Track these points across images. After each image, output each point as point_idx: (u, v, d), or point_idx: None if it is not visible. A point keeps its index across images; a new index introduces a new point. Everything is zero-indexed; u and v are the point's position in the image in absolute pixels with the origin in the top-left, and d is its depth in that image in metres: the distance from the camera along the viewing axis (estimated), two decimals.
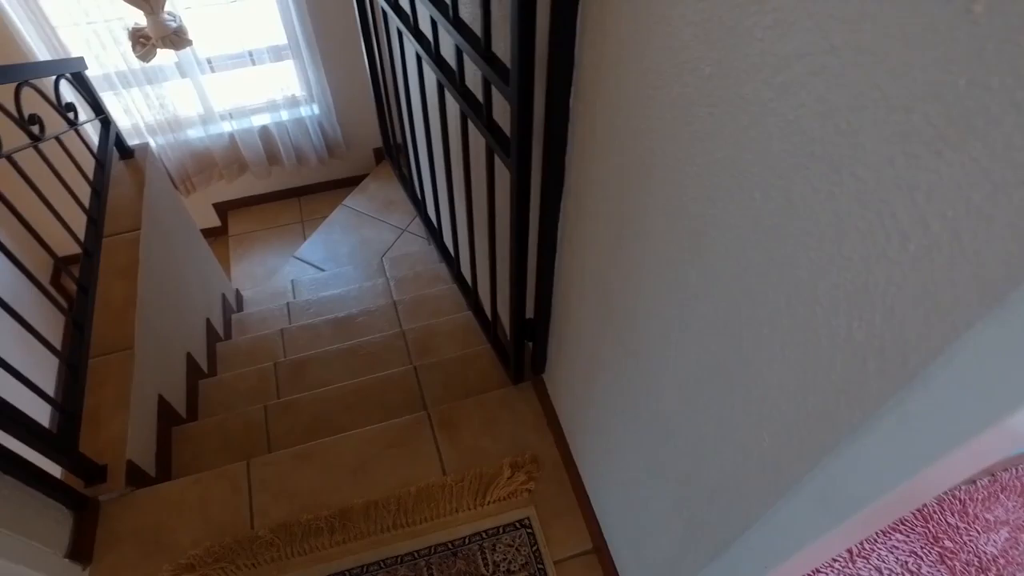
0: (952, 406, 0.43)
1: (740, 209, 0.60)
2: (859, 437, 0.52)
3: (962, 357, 0.41)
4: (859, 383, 0.50)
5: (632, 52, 0.74)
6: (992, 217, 0.37)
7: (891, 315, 0.46)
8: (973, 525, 1.49)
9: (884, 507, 0.56)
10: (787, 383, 0.60)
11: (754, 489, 0.70)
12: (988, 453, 0.51)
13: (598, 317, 1.09)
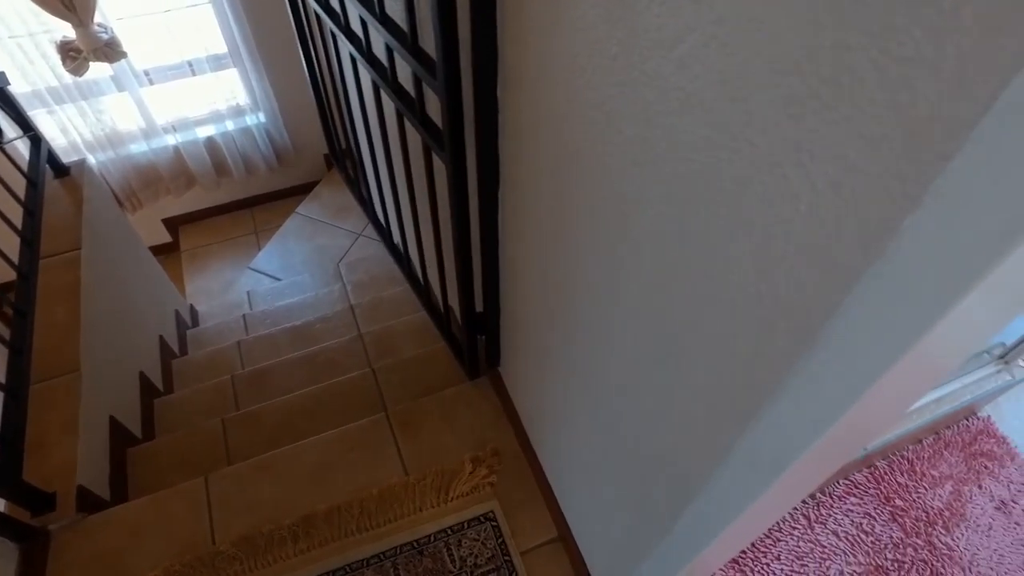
0: (851, 358, 0.44)
1: (655, 184, 0.61)
2: (776, 399, 0.53)
3: (855, 310, 0.42)
4: (771, 345, 0.52)
5: (549, 38, 0.74)
6: (867, 171, 0.38)
7: (791, 275, 0.47)
8: (921, 482, 1.54)
9: (807, 465, 0.57)
10: (711, 352, 0.61)
11: (694, 460, 0.71)
12: (902, 398, 0.53)
13: (543, 304, 1.10)
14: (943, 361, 0.44)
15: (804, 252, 0.45)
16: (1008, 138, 0.30)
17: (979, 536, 1.48)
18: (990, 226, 0.32)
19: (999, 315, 0.39)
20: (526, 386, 1.40)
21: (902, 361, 0.40)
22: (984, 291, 0.34)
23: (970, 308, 0.35)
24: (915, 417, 1.44)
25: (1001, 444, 1.63)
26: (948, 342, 0.39)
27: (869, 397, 0.44)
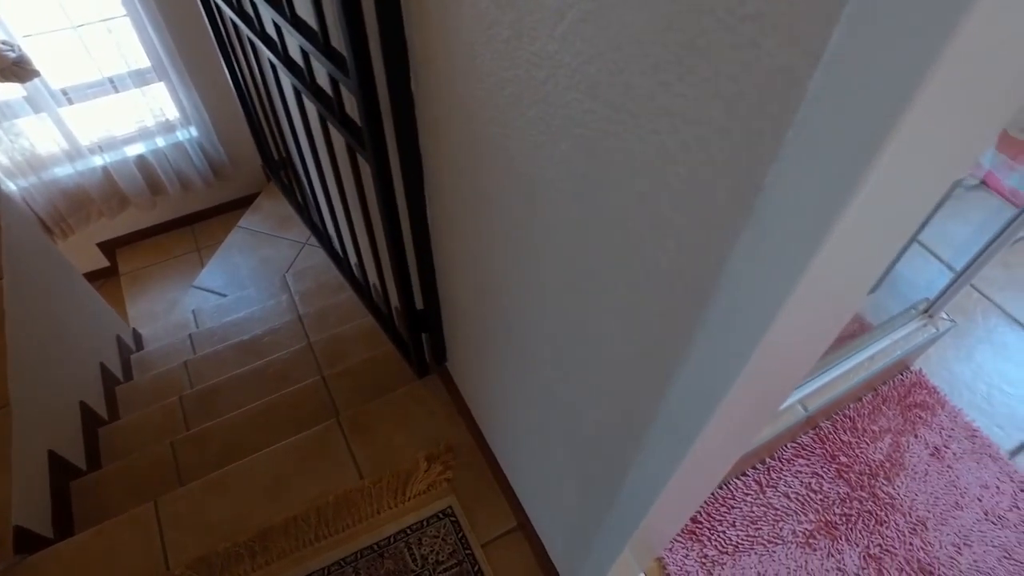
0: (739, 317, 0.46)
1: (556, 163, 0.62)
2: (686, 356, 0.55)
3: (735, 268, 0.44)
4: (673, 309, 0.53)
5: (449, 28, 0.75)
6: (729, 130, 0.40)
7: (681, 239, 0.48)
8: (862, 438, 1.60)
9: (724, 425, 0.59)
10: (624, 316, 0.62)
11: (622, 430, 0.73)
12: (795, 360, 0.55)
13: (476, 294, 1.10)
14: (826, 304, 0.45)
15: (686, 215, 0.47)
16: (835, 86, 0.31)
17: (917, 482, 1.54)
18: (838, 170, 0.33)
19: (868, 249, 0.40)
20: (473, 378, 1.40)
21: (786, 308, 0.41)
22: (845, 229, 0.35)
23: (836, 248, 0.36)
24: (851, 376, 1.49)
25: (932, 394, 1.70)
26: (824, 284, 0.40)
27: (768, 341, 0.45)
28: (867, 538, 1.47)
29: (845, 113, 0.31)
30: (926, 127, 0.30)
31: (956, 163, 0.37)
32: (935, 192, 0.38)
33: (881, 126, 0.29)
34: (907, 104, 0.28)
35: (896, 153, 0.31)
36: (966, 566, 1.44)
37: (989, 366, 1.80)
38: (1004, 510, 1.52)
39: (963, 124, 0.33)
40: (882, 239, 0.40)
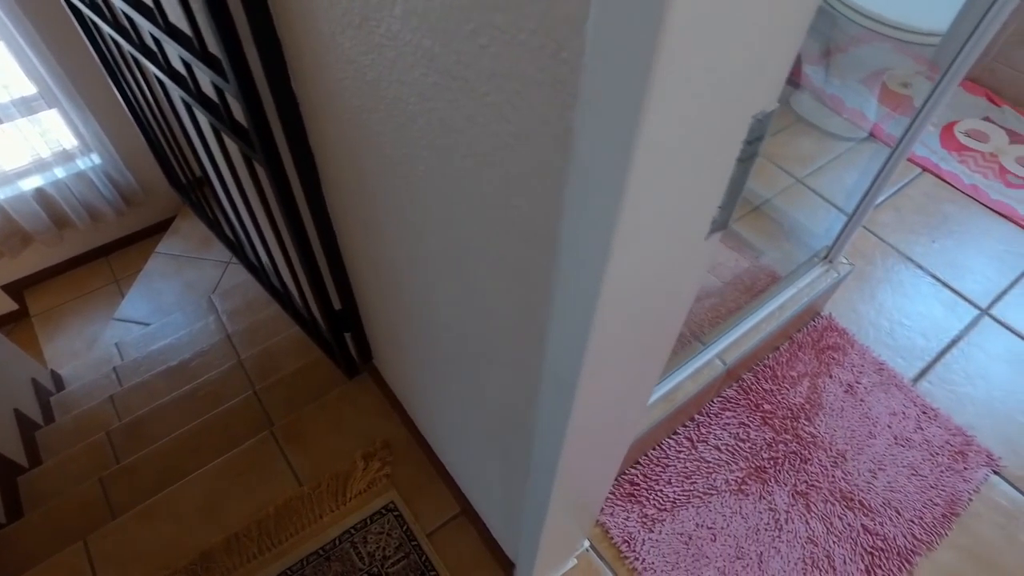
0: (583, 255, 0.48)
1: (419, 140, 0.64)
2: (550, 313, 0.57)
3: (569, 219, 0.47)
4: (535, 262, 0.56)
5: (311, 20, 0.75)
6: (540, 81, 0.42)
7: (526, 193, 0.51)
8: (782, 385, 1.68)
9: (600, 370, 0.62)
10: (501, 281, 0.64)
11: (520, 395, 0.75)
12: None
13: (382, 283, 1.11)
14: (659, 236, 0.48)
15: (529, 170, 0.49)
16: (611, 30, 0.34)
17: (834, 419, 1.63)
18: (629, 104, 0.36)
19: (682, 176, 0.43)
20: (397, 370, 1.41)
21: (619, 240, 0.43)
22: (645, 146, 0.38)
23: (646, 176, 0.39)
24: (764, 326, 1.56)
25: (843, 336, 1.80)
26: (648, 214, 0.43)
27: (613, 275, 0.47)
28: (794, 477, 1.54)
29: (618, 50, 0.34)
30: (697, 49, 0.33)
31: (744, 88, 0.40)
32: (732, 112, 0.41)
33: (647, 51, 0.32)
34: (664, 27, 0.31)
35: (667, 74, 0.33)
36: (882, 488, 1.54)
37: (889, 303, 1.91)
38: (910, 432, 1.63)
39: (731, 48, 0.36)
40: (693, 168, 0.43)
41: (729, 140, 0.43)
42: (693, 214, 0.47)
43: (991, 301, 1.95)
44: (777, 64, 0.42)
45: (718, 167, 0.44)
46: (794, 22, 0.39)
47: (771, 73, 0.42)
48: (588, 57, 0.36)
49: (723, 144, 0.42)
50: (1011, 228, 2.15)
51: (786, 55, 0.42)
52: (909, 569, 1.45)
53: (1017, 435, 1.67)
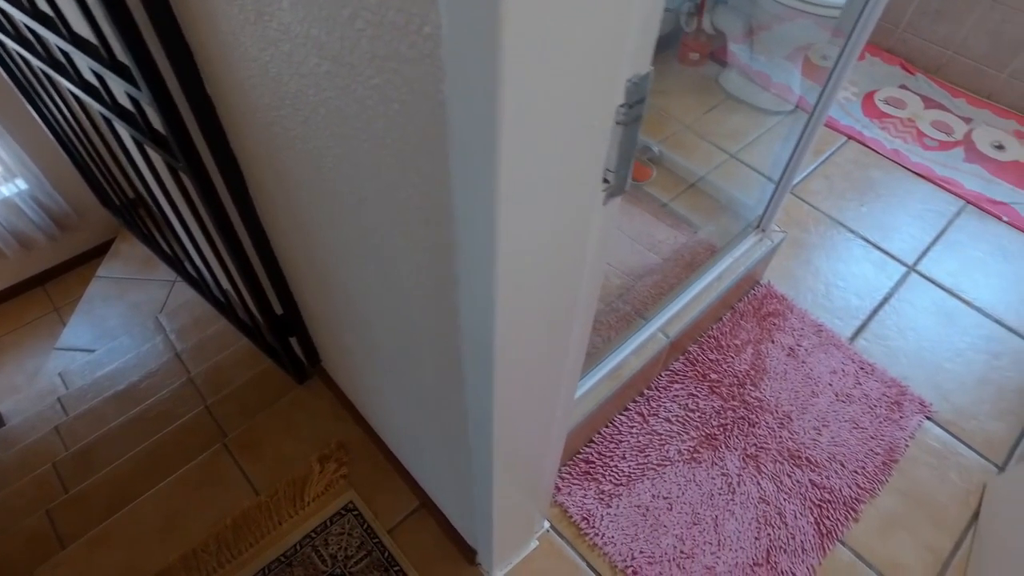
0: (474, 239, 0.50)
1: (324, 129, 0.65)
2: (460, 292, 0.59)
3: (457, 190, 0.48)
4: (436, 241, 0.57)
5: (213, 20, 0.75)
6: (413, 59, 0.43)
7: (418, 169, 0.52)
8: (727, 354, 1.73)
9: (513, 329, 0.64)
10: (412, 265, 0.66)
11: (449, 371, 0.76)
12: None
13: (317, 280, 1.11)
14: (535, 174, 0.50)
15: (416, 142, 0.50)
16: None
17: (778, 382, 1.69)
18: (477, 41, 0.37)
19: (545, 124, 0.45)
20: (344, 369, 1.41)
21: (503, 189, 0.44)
22: (508, 112, 0.39)
23: (516, 124, 0.41)
24: (704, 297, 1.60)
25: (782, 302, 1.86)
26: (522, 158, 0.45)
27: (505, 222, 0.47)
28: (743, 441, 1.60)
29: (469, 19, 0.35)
30: (545, 16, 0.35)
31: (607, 53, 0.42)
32: (599, 76, 0.43)
33: (493, 20, 0.34)
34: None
35: (517, 41, 0.35)
36: (826, 443, 1.60)
37: (824, 267, 1.99)
38: (850, 388, 1.69)
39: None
40: (567, 132, 0.45)
41: (602, 103, 0.45)
42: (579, 177, 0.49)
43: (917, 258, 2.04)
44: (642, 28, 0.44)
45: (596, 130, 0.46)
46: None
47: (637, 37, 0.44)
48: (445, 29, 0.37)
49: (596, 107, 0.44)
50: (931, 188, 2.25)
51: (649, 19, 0.44)
52: (855, 516, 1.51)
53: (945, 382, 1.75)
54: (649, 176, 2.00)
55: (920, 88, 2.61)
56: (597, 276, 0.66)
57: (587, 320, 0.74)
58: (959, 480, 1.59)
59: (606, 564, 1.41)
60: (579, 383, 1.35)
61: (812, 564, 1.44)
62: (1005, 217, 2.16)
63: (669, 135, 2.24)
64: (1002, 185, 2.25)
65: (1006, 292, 1.97)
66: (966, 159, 2.34)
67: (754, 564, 1.42)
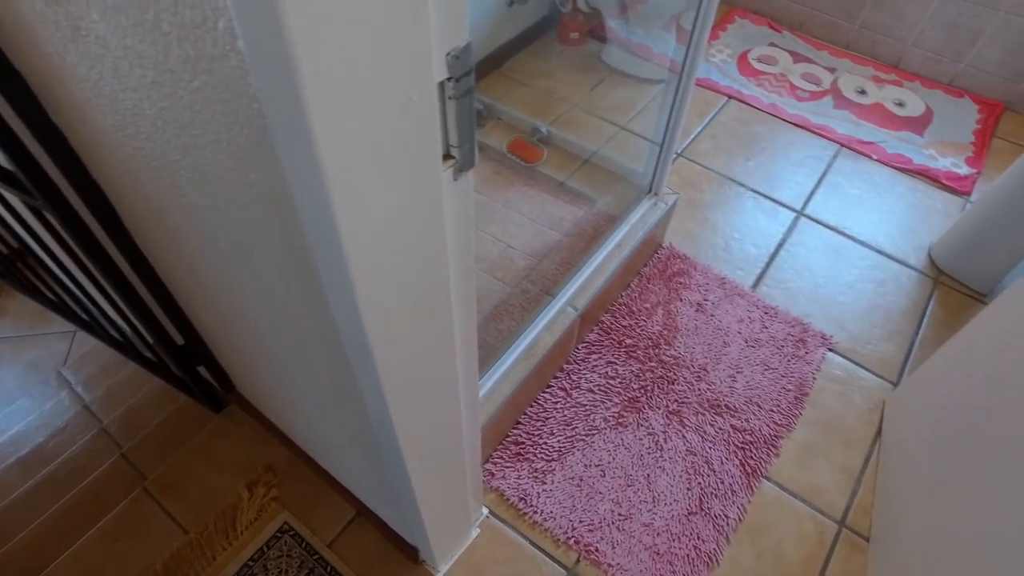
0: (317, 227, 0.50)
1: (167, 143, 0.63)
2: (323, 284, 0.59)
3: (291, 181, 0.48)
4: (289, 238, 0.57)
5: (34, 41, 0.72)
6: (219, 55, 0.43)
7: (256, 167, 0.52)
8: (639, 318, 1.79)
9: (384, 334, 0.64)
10: (276, 267, 0.65)
11: (341, 367, 0.76)
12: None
13: (209, 305, 1.08)
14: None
15: (245, 139, 0.50)
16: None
17: (691, 337, 1.76)
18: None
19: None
20: (257, 390, 1.38)
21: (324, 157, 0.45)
22: (314, 96, 0.39)
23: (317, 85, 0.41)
24: (607, 266, 1.65)
25: (685, 261, 1.94)
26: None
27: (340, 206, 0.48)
28: (665, 399, 1.65)
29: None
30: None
31: (412, 29, 0.43)
32: (409, 52, 0.44)
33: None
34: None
35: (303, 24, 0.35)
36: (742, 388, 1.68)
37: (721, 223, 2.08)
38: (757, 333, 1.78)
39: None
40: (389, 110, 0.45)
41: (418, 80, 0.46)
42: (416, 156, 0.50)
43: (803, 203, 2.16)
44: (445, 3, 0.45)
45: (419, 107, 0.47)
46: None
47: (443, 11, 0.45)
48: (235, 20, 0.37)
49: (411, 84, 0.45)
50: (809, 136, 2.38)
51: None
52: (776, 452, 1.60)
53: (841, 313, 1.87)
54: (541, 157, 2.04)
55: (788, 44, 2.75)
56: (466, 253, 0.67)
57: (469, 304, 0.75)
58: (862, 402, 1.70)
59: (548, 539, 1.43)
60: (494, 367, 1.37)
61: (742, 503, 1.51)
62: (874, 155, 2.31)
63: (559, 115, 2.28)
64: (868, 126, 2.41)
65: (883, 223, 2.12)
66: (835, 106, 2.49)
67: (689, 513, 1.48)
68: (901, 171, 2.28)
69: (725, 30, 2.81)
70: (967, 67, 2.52)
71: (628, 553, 1.42)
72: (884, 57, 2.68)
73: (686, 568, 1.41)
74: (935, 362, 1.52)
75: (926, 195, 2.22)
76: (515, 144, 2.06)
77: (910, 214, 2.16)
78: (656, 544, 1.43)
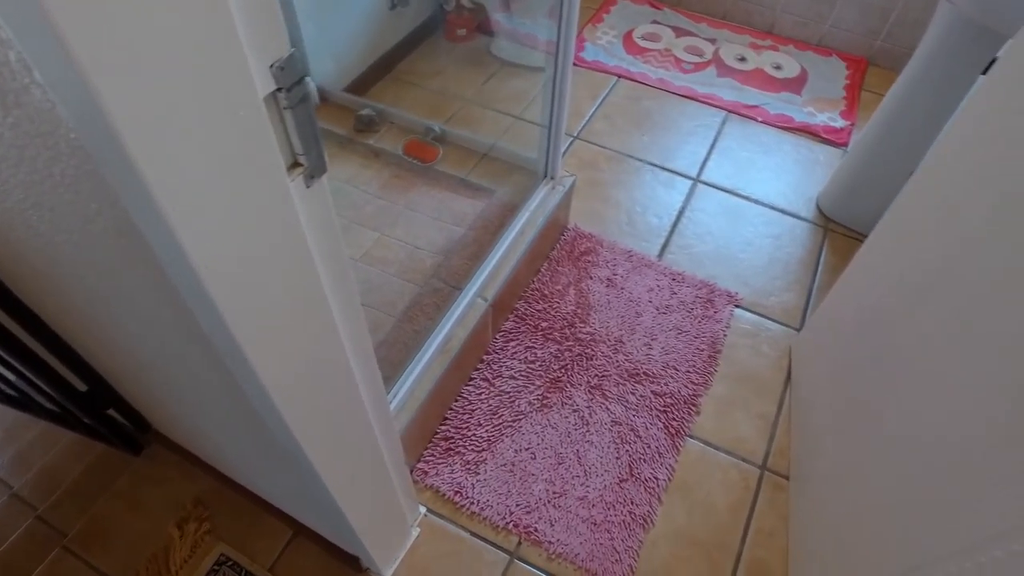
0: (166, 250, 0.50)
1: (11, 178, 0.61)
2: (188, 306, 0.59)
3: (127, 205, 0.48)
4: (150, 262, 0.57)
5: None
6: (24, 88, 0.43)
7: (95, 197, 0.52)
8: (552, 301, 1.84)
9: (257, 342, 0.65)
10: (146, 291, 0.65)
11: (225, 380, 0.75)
12: None
13: (104, 343, 1.05)
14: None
15: (73, 168, 0.50)
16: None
17: (604, 312, 1.82)
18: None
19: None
20: (173, 424, 1.35)
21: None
22: (124, 118, 0.41)
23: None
24: (512, 254, 1.67)
25: (591, 239, 2.00)
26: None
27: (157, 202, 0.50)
28: (586, 375, 1.70)
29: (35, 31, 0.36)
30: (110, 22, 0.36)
31: (223, 46, 0.44)
32: (224, 69, 0.45)
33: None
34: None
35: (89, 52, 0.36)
36: (658, 354, 1.75)
37: (622, 198, 2.15)
38: (667, 300, 1.86)
39: None
40: (218, 126, 0.46)
41: (240, 95, 0.46)
42: (258, 169, 0.51)
43: (699, 170, 2.26)
44: (256, 18, 0.46)
45: (251, 120, 0.48)
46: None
47: (255, 27, 0.46)
48: (22, 51, 0.37)
49: (234, 100, 0.46)
50: (697, 106, 2.49)
51: (263, 7, 0.46)
52: (696, 410, 1.67)
53: (743, 270, 1.97)
54: (437, 156, 2.05)
55: (669, 20, 2.86)
56: (338, 256, 0.68)
57: (353, 308, 0.75)
58: (771, 351, 1.80)
59: (488, 527, 1.46)
60: (411, 367, 1.38)
61: (670, 464, 1.58)
62: (759, 118, 2.44)
63: (454, 113, 2.30)
64: (751, 91, 2.54)
65: (773, 181, 2.24)
66: (719, 75, 2.61)
67: (620, 481, 1.54)
68: (785, 130, 2.41)
69: (609, 12, 2.89)
70: (831, 28, 2.68)
71: (567, 528, 1.46)
72: (758, 24, 2.82)
73: (623, 533, 1.46)
74: (828, 304, 1.63)
75: (809, 150, 2.35)
76: (410, 146, 2.07)
77: (797, 169, 2.29)
78: (592, 515, 1.48)
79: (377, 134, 2.10)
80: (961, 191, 1.08)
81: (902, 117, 1.80)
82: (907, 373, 1.09)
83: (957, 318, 0.96)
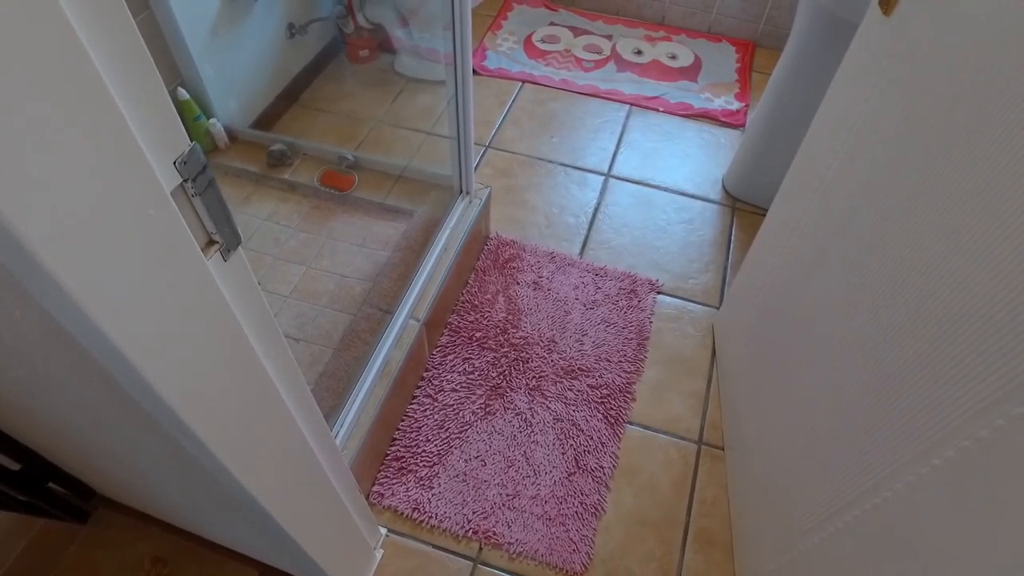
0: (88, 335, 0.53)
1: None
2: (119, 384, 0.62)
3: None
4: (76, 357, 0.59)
5: None
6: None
7: (29, 313, 0.54)
8: (483, 311, 1.90)
9: (189, 395, 0.68)
10: (81, 372, 0.67)
11: (180, 449, 0.78)
12: None
13: (34, 424, 1.04)
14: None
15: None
16: None
17: (534, 315, 1.89)
18: None
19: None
20: (117, 485, 1.34)
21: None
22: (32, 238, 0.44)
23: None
24: (438, 273, 1.72)
25: (514, 246, 2.06)
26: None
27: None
28: (524, 378, 1.77)
29: None
30: None
31: (117, 155, 0.47)
32: (130, 175, 0.48)
33: None
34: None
35: None
36: (590, 349, 1.83)
37: (539, 202, 2.23)
38: (593, 295, 1.95)
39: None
40: (130, 227, 0.50)
41: (152, 194, 0.50)
42: (176, 254, 0.54)
43: (609, 166, 2.36)
44: (150, 130, 0.49)
45: (161, 216, 0.52)
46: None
47: (157, 129, 0.50)
48: None
49: (146, 200, 0.50)
50: (601, 103, 2.59)
51: (157, 112, 0.50)
52: (632, 397, 1.76)
53: (661, 258, 2.08)
54: (353, 183, 2.08)
55: (566, 21, 2.95)
56: (263, 314, 0.71)
57: (285, 359, 0.79)
58: (695, 331, 1.91)
59: (449, 537, 1.51)
60: (352, 395, 1.41)
61: (613, 452, 1.66)
62: (661, 108, 2.56)
63: (365, 136, 2.32)
64: (650, 83, 2.66)
65: (680, 168, 2.36)
66: (618, 70, 2.72)
67: (569, 475, 1.61)
68: (685, 117, 2.54)
69: (506, 18, 2.95)
70: (717, 15, 2.84)
71: (523, 527, 1.52)
72: (650, 17, 2.95)
73: (577, 524, 1.54)
74: (739, 280, 1.75)
75: (711, 134, 2.49)
76: (325, 176, 2.08)
77: (701, 154, 2.42)
78: (546, 511, 1.55)
79: (291, 168, 2.10)
80: (832, 169, 1.20)
81: (787, 96, 1.93)
82: (806, 336, 1.20)
83: (840, 282, 1.07)
